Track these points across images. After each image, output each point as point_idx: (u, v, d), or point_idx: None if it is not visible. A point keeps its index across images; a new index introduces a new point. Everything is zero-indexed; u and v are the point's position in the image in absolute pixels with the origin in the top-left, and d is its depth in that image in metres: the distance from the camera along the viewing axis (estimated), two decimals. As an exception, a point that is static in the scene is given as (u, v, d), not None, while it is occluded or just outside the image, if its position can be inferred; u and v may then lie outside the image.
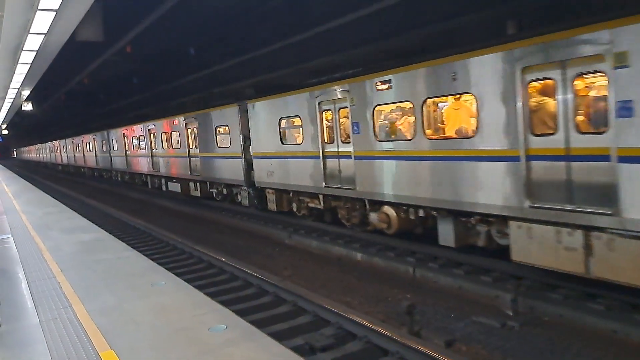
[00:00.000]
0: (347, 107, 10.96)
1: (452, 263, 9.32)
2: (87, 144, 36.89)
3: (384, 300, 8.40)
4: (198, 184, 18.98)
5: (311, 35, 13.23)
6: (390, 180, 10.06)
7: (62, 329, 5.51)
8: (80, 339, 5.18)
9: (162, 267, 8.28)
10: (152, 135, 22.72)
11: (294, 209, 13.76)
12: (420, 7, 11.44)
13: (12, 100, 20.67)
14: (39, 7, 7.33)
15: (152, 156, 23.10)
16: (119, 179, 30.95)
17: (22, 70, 12.64)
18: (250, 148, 14.83)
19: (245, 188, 15.44)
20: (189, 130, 18.76)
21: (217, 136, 16.69)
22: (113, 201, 24.34)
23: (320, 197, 12.46)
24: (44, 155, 62.08)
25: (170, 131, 20.68)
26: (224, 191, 17.42)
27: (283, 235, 13.34)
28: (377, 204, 10.63)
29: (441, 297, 8.31)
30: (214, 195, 18.20)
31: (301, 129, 12.59)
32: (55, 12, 7.66)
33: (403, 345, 5.99)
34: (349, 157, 11.06)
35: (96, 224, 13.26)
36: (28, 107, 21.97)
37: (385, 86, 9.88)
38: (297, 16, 13.52)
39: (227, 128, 16.09)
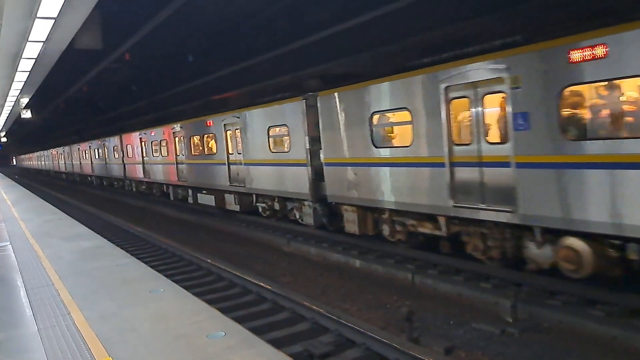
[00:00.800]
0: (502, 92, 7.68)
1: (451, 270, 9.31)
2: (95, 150, 33.64)
3: (383, 307, 8.38)
4: (238, 197, 16.14)
5: (308, 42, 13.33)
6: (590, 199, 6.78)
7: (60, 336, 5.49)
8: (78, 347, 5.16)
9: (161, 274, 8.27)
10: (177, 139, 19.89)
11: (385, 233, 10.67)
12: (418, 13, 11.51)
13: (11, 107, 20.68)
14: (38, 15, 7.36)
15: (177, 163, 20.02)
16: (134, 189, 27.62)
17: (21, 77, 12.68)
18: (321, 153, 11.96)
19: (311, 203, 12.51)
20: (229, 132, 15.85)
21: (270, 139, 13.78)
22: (112, 208, 24.30)
23: (441, 219, 9.21)
24: (46, 163, 59.83)
25: (202, 134, 17.73)
26: (276, 206, 14.36)
27: (282, 242, 13.33)
28: (553, 234, 7.50)
29: (440, 304, 8.29)
30: (260, 210, 15.20)
31: (411, 125, 9.36)
32: (54, 20, 7.70)
33: (402, 352, 5.97)
34: (503, 163, 7.74)
35: (95, 231, 13.24)
36: (27, 114, 21.99)
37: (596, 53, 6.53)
38: (293, 24, 13.61)
39: (285, 128, 13.02)
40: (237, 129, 15.23)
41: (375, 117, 10.19)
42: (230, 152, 15.90)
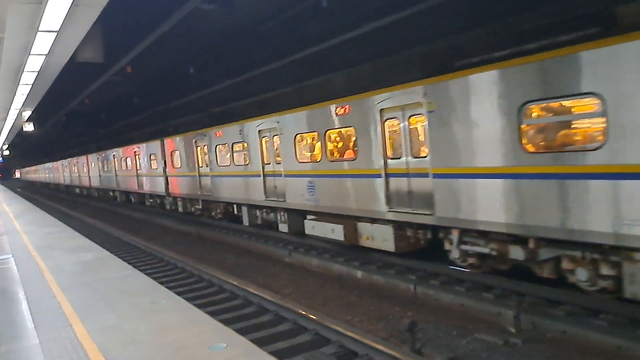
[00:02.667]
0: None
1: (453, 280, 9.28)
2: (123, 160, 28.63)
3: (385, 318, 8.34)
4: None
5: (308, 54, 13.41)
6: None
7: (62, 349, 5.48)
8: (80, 359, 5.14)
9: (163, 286, 8.26)
10: (264, 140, 14.22)
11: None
12: (416, 25, 11.60)
13: (13, 121, 20.79)
14: (40, 29, 7.43)
15: (266, 175, 14.17)
16: (179, 208, 21.64)
17: (23, 91, 12.77)
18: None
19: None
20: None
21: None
22: (113, 220, 24.32)
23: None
24: (52, 176, 56.70)
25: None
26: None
27: (283, 253, 13.30)
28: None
29: (443, 315, 8.25)
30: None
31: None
32: (56, 34, 7.77)
33: (405, 363, 5.94)
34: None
35: (97, 243, 13.24)
36: (29, 127, 22.10)
37: None
38: (294, 36, 13.71)
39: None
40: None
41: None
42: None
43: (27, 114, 18.26)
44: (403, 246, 10.18)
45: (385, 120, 9.90)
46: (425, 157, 9.06)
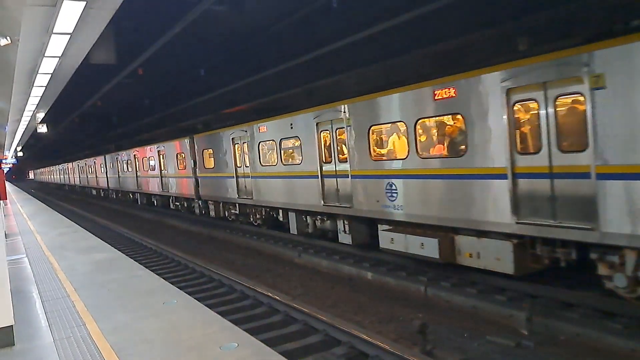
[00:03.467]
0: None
1: (464, 282, 9.22)
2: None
3: (396, 319, 8.31)
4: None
5: (319, 55, 13.43)
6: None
7: (75, 347, 5.53)
8: (93, 358, 5.19)
9: (174, 286, 8.30)
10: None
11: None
12: (426, 25, 11.56)
13: (27, 122, 21.02)
14: (54, 31, 7.51)
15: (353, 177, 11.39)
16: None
17: (37, 92, 12.87)
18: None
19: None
20: None
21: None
22: (125, 221, 24.51)
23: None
24: (65, 177, 55.18)
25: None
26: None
27: (293, 254, 13.31)
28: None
29: (454, 317, 8.21)
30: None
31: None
32: (69, 36, 7.84)
33: (416, 364, 5.91)
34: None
35: (109, 244, 13.35)
36: (43, 129, 22.31)
37: None
38: (304, 37, 13.73)
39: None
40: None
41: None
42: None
43: (40, 115, 18.43)
44: (524, 267, 7.94)
45: (516, 103, 7.70)
46: (582, 151, 6.82)
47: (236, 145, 16.20)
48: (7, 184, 47.83)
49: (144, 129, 30.14)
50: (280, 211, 14.60)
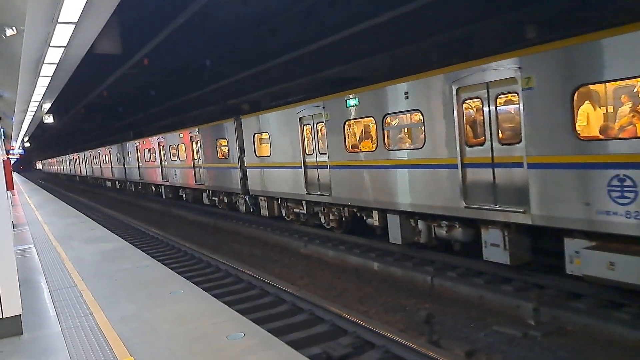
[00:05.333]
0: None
1: (471, 272, 9.20)
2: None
3: (402, 309, 8.31)
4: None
5: (325, 44, 13.32)
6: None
7: (83, 337, 5.56)
8: (101, 347, 5.22)
9: (181, 276, 8.33)
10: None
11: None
12: (433, 14, 11.44)
13: (33, 113, 21.07)
14: (59, 20, 7.47)
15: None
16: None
17: (43, 83, 12.86)
18: None
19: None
20: None
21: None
22: (131, 211, 24.63)
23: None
24: (76, 167, 52.07)
25: None
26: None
27: (299, 245, 13.32)
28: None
29: (461, 307, 8.19)
30: None
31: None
32: (74, 25, 7.81)
33: (423, 354, 5.91)
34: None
35: (116, 234, 13.42)
36: (49, 120, 22.37)
37: None
38: (310, 27, 13.62)
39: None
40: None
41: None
42: None
43: (46, 106, 18.46)
44: None
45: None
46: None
47: (305, 127, 13.12)
48: (15, 175, 48.08)
49: (166, 114, 28.45)
50: (375, 213, 11.27)
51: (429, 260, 10.13)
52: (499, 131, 8.23)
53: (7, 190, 5.96)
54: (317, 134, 12.75)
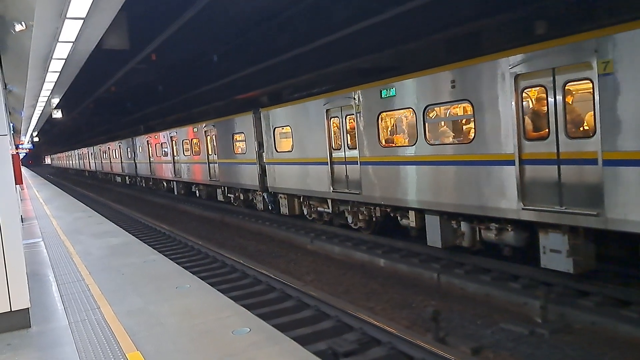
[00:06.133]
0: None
1: (478, 269, 9.16)
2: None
3: (408, 306, 8.29)
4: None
5: (332, 40, 13.27)
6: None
7: (90, 330, 5.60)
8: (107, 341, 5.25)
9: (187, 271, 8.35)
10: None
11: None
12: (441, 10, 11.36)
13: (42, 108, 21.23)
14: (67, 16, 7.51)
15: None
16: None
17: (51, 78, 12.95)
18: None
19: None
20: None
21: None
22: (139, 206, 24.75)
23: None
24: (85, 162, 50.78)
25: None
26: None
27: (305, 240, 13.33)
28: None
29: (467, 304, 8.16)
30: None
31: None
32: (82, 20, 7.84)
33: (428, 351, 5.89)
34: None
35: (123, 229, 13.48)
36: (58, 114, 22.52)
37: None
38: (318, 22, 13.58)
39: None
40: None
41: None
42: None
43: (55, 101, 18.59)
44: None
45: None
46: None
47: (332, 120, 12.28)
48: (24, 169, 48.39)
49: (175, 109, 28.38)
50: (412, 213, 10.39)
51: (436, 257, 10.10)
52: (567, 123, 7.21)
53: (16, 184, 5.99)
54: (346, 127, 11.83)
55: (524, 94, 7.84)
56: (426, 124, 9.57)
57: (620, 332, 6.52)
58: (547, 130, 7.50)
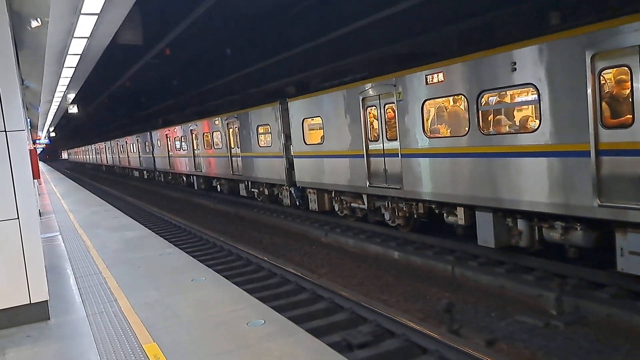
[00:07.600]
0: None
1: (492, 262, 9.11)
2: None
3: (422, 298, 8.29)
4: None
5: (345, 32, 13.22)
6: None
7: (107, 322, 5.70)
8: (124, 332, 5.35)
9: (202, 264, 8.44)
10: None
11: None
12: (454, 2, 11.24)
13: (58, 103, 21.53)
14: (82, 12, 7.60)
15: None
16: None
17: (67, 74, 13.12)
18: None
19: None
20: None
21: None
22: (155, 200, 24.99)
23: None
24: (102, 157, 49.80)
25: None
26: None
27: (319, 233, 13.36)
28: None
29: (481, 296, 8.13)
30: None
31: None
32: (97, 16, 7.93)
33: (442, 343, 5.90)
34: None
35: (139, 222, 13.65)
36: (74, 110, 22.82)
37: None
38: (330, 14, 13.52)
39: None
40: None
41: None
42: None
43: (71, 96, 18.83)
44: None
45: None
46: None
47: (369, 109, 11.40)
48: (41, 164, 49.05)
49: (191, 103, 28.47)
50: (461, 210, 9.49)
51: (450, 250, 10.07)
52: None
53: (34, 179, 6.10)
54: (385, 116, 10.92)
55: (601, 76, 6.90)
56: (480, 112, 8.61)
57: (635, 324, 6.44)
58: (630, 116, 6.54)
